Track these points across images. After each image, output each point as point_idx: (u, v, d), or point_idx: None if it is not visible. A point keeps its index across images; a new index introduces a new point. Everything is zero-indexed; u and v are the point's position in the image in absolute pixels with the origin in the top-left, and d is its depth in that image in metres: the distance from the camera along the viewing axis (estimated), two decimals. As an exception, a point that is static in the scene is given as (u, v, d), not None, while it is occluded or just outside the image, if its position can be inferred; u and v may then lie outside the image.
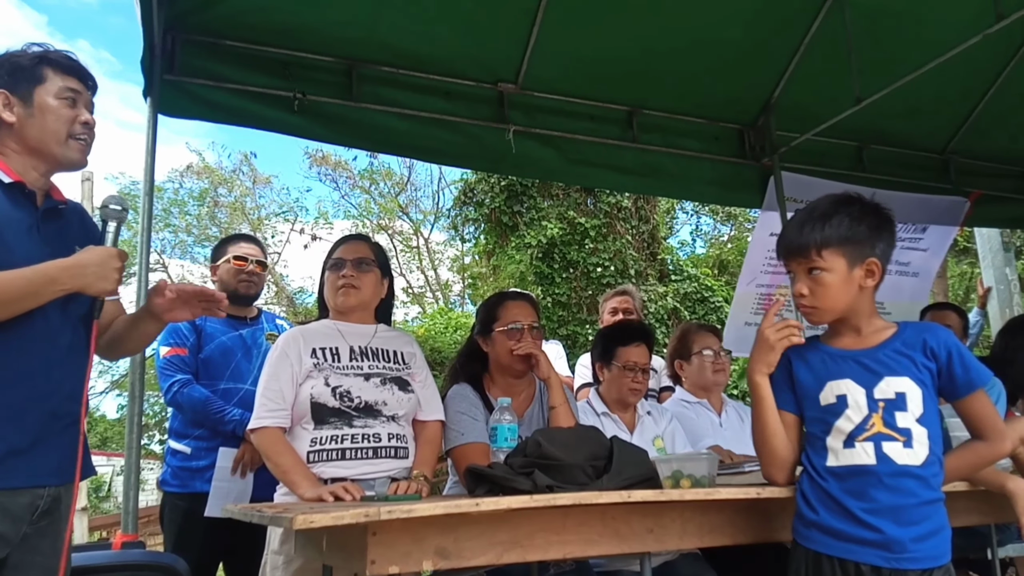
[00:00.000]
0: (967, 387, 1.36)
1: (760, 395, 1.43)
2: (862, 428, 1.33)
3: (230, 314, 2.50)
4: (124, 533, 2.11)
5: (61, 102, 1.45)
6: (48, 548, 1.36)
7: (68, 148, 1.45)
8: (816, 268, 1.38)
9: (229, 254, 2.53)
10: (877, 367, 1.36)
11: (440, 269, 16.87)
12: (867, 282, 1.39)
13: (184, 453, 2.39)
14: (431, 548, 1.26)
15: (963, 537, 1.85)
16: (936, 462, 1.33)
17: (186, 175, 15.99)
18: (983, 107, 3.68)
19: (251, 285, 2.54)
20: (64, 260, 1.36)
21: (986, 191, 3.98)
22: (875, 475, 1.30)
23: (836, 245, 1.37)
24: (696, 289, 9.82)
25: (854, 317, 1.42)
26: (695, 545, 1.58)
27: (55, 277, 1.33)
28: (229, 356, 2.44)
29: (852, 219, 1.38)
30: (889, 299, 4.00)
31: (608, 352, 2.30)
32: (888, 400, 1.33)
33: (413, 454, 1.88)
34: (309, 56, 2.76)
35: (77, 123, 1.46)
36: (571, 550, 1.38)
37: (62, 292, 1.35)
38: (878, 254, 1.39)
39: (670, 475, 1.43)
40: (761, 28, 3.12)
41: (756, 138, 3.54)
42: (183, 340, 2.41)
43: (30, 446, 1.31)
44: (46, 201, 1.46)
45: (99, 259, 1.38)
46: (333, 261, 1.93)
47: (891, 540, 1.28)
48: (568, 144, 3.20)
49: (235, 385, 2.41)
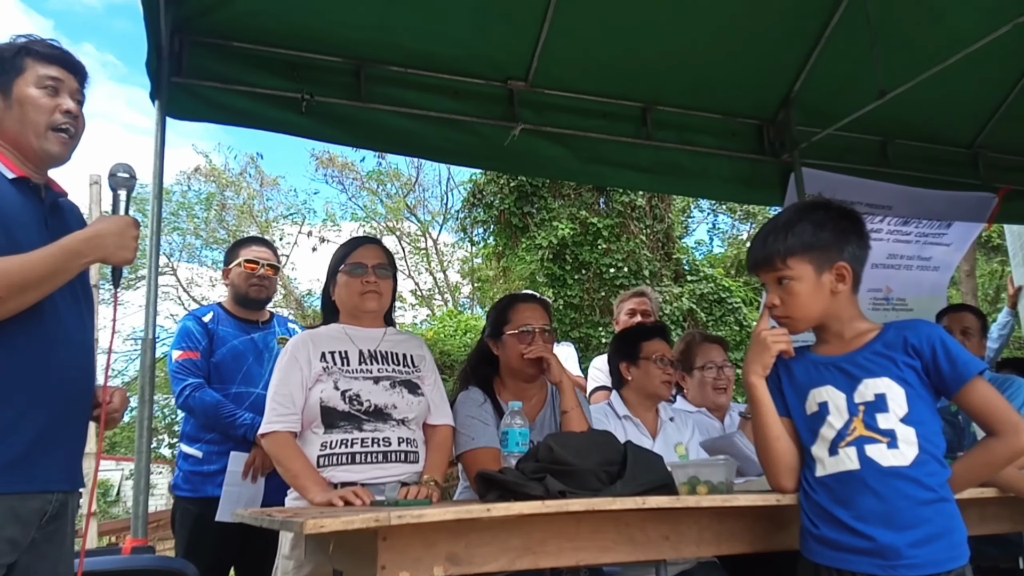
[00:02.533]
0: (957, 381, 1.30)
1: (757, 397, 1.41)
2: (844, 434, 1.31)
3: (242, 318, 2.53)
4: (134, 538, 2.10)
5: (41, 91, 1.37)
6: (55, 553, 1.35)
7: (47, 141, 1.39)
8: (784, 277, 1.38)
9: (241, 257, 2.53)
10: (856, 371, 1.34)
11: (449, 271, 16.91)
12: (839, 287, 1.38)
13: (196, 457, 2.40)
14: (442, 554, 1.24)
15: (994, 545, 1.79)
16: (931, 461, 1.28)
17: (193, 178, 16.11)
18: (1013, 99, 3.57)
19: (262, 289, 2.53)
20: (83, 232, 1.34)
21: (1016, 186, 3.86)
22: (860, 480, 1.28)
23: (801, 252, 1.37)
24: (713, 290, 9.70)
25: (834, 323, 1.40)
26: (712, 553, 1.55)
27: (78, 250, 1.32)
28: (241, 360, 2.44)
29: (815, 225, 1.38)
30: (910, 294, 3.97)
31: (633, 350, 2.26)
32: (868, 403, 1.31)
33: (423, 458, 1.86)
34: (317, 57, 2.76)
35: (58, 112, 1.38)
36: (584, 557, 1.35)
37: (85, 265, 1.34)
38: (847, 258, 1.38)
39: (686, 481, 1.41)
40: (780, 19, 3.05)
41: (776, 133, 3.47)
42: (195, 344, 2.41)
43: (41, 450, 1.30)
44: (48, 195, 1.44)
45: (117, 228, 1.36)
46: (353, 264, 1.91)
47: (884, 547, 1.24)
48: (580, 142, 3.16)
49: (247, 389, 2.41)
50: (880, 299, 3.95)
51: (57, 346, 1.34)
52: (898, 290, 3.97)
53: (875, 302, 3.93)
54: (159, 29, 2.40)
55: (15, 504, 1.27)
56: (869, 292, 3.88)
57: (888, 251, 3.89)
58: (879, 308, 3.92)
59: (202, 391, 2.35)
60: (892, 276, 3.95)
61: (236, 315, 2.53)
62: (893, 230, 3.88)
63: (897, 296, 3.98)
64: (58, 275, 1.30)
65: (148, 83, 2.46)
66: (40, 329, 1.31)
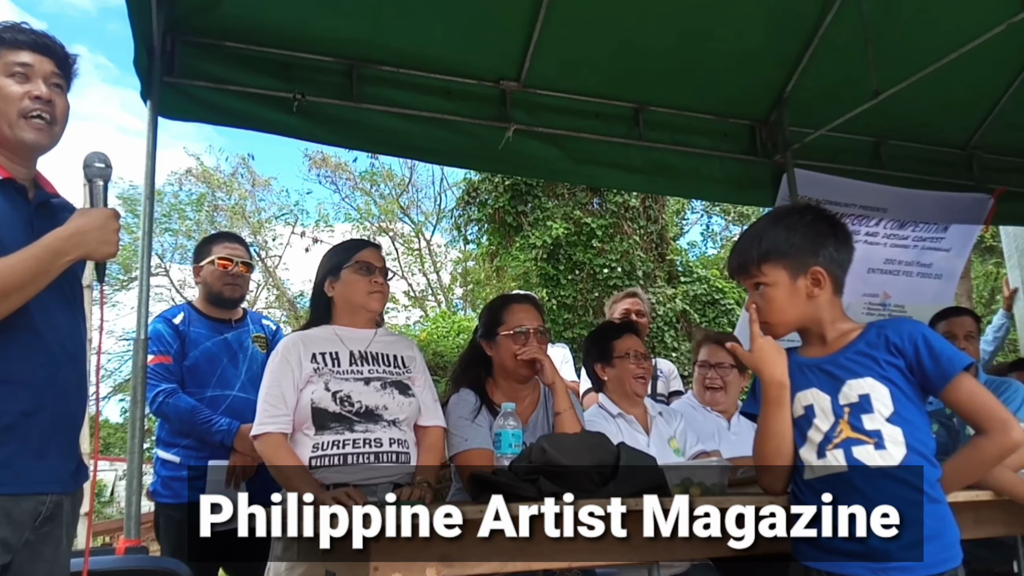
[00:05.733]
0: (941, 378, 1.29)
1: (784, 399, 1.38)
2: (831, 436, 1.31)
3: (214, 317, 2.44)
4: (127, 538, 2.10)
5: (9, 80, 1.31)
6: (51, 554, 1.33)
7: (20, 128, 1.33)
8: (760, 283, 1.39)
9: (213, 255, 2.43)
10: (839, 372, 1.34)
11: (442, 272, 16.87)
12: (815, 291, 1.38)
13: (174, 463, 2.34)
14: (435, 555, 1.24)
15: (988, 549, 1.78)
16: (920, 460, 1.27)
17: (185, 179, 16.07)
18: (1008, 100, 3.57)
19: (236, 288, 2.44)
20: (62, 229, 1.30)
21: (1011, 187, 3.85)
22: (848, 482, 1.27)
23: (775, 258, 1.38)
24: (706, 291, 9.72)
25: (815, 326, 1.40)
26: (706, 555, 1.54)
27: (59, 249, 1.28)
28: (215, 362, 2.37)
29: (788, 231, 1.39)
30: (910, 302, 3.89)
31: (605, 350, 2.27)
32: (852, 404, 1.31)
33: (415, 459, 1.86)
34: (310, 57, 2.75)
35: (27, 99, 1.31)
36: (577, 558, 1.33)
37: (68, 263, 1.30)
38: (822, 262, 1.38)
39: (679, 483, 1.40)
40: (773, 18, 3.05)
41: (768, 134, 3.47)
42: (167, 347, 2.33)
43: (35, 451, 1.29)
44: (37, 195, 1.41)
45: (98, 222, 1.32)
46: (364, 264, 1.90)
47: (874, 549, 1.23)
48: (573, 143, 3.15)
49: (222, 392, 2.34)
50: (876, 304, 3.90)
51: (48, 346, 1.32)
52: (897, 296, 3.90)
53: (871, 307, 3.87)
54: (150, 29, 2.38)
55: (8, 505, 1.25)
56: (865, 297, 3.83)
57: (885, 256, 3.84)
58: (874, 313, 3.87)
59: (175, 397, 2.28)
60: (890, 282, 3.90)
61: (208, 315, 2.43)
62: (890, 234, 3.84)
63: (895, 303, 3.91)
64: (40, 277, 1.26)
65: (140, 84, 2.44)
66: (29, 330, 1.29)
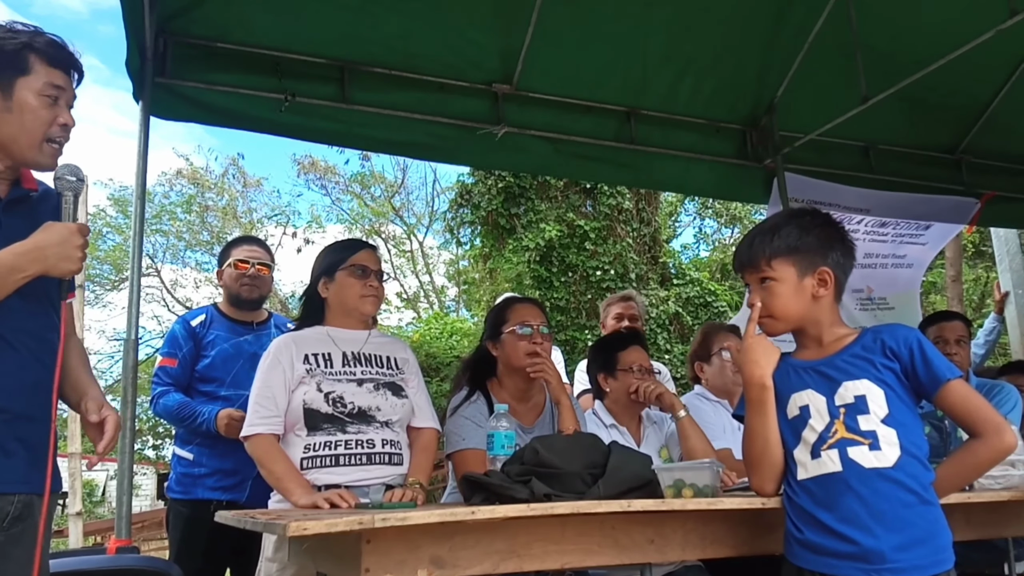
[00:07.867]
0: (933, 383, 1.31)
1: (766, 400, 1.40)
2: (825, 436, 1.32)
3: (235, 319, 2.49)
4: (118, 538, 2.11)
5: (42, 100, 1.33)
6: (23, 556, 1.30)
7: (41, 153, 1.35)
8: (767, 278, 1.40)
9: (232, 257, 2.48)
10: (835, 373, 1.35)
11: (435, 274, 16.85)
12: (820, 291, 1.39)
13: (187, 459, 2.38)
14: (426, 556, 1.23)
15: (979, 551, 1.79)
16: (913, 462, 1.29)
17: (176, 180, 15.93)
18: (996, 105, 3.61)
19: (253, 288, 2.47)
20: (21, 244, 1.27)
21: (1000, 192, 3.89)
22: (843, 482, 1.28)
23: (785, 255, 1.39)
24: (699, 293, 9.75)
25: (813, 327, 1.41)
26: (697, 556, 1.55)
27: (13, 265, 1.25)
28: (230, 363, 2.40)
29: (801, 230, 1.41)
30: (888, 292, 4.02)
31: (609, 361, 2.26)
32: (848, 404, 1.32)
33: (407, 461, 1.86)
34: (301, 57, 2.75)
35: (55, 125, 1.35)
36: (569, 560, 1.34)
37: (25, 279, 1.26)
38: (830, 264, 1.40)
39: (672, 484, 1.40)
40: (763, 24, 3.08)
41: (758, 138, 3.50)
42: (176, 350, 2.40)
43: (1, 451, 1.26)
44: (12, 190, 1.38)
45: (59, 238, 1.28)
46: (357, 266, 1.90)
47: (868, 551, 1.24)
48: (564, 144, 3.17)
49: (236, 392, 2.36)
50: (864, 299, 3.99)
51: (14, 347, 1.29)
52: (878, 289, 4.02)
53: (861, 303, 3.96)
54: (143, 29, 2.38)
55: None
56: (853, 293, 3.91)
57: (865, 250, 3.91)
58: (866, 308, 3.96)
59: (166, 396, 2.34)
60: (871, 276, 4.00)
61: (230, 316, 2.48)
62: (870, 230, 3.91)
63: (878, 295, 4.02)
64: None
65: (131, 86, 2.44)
66: None
